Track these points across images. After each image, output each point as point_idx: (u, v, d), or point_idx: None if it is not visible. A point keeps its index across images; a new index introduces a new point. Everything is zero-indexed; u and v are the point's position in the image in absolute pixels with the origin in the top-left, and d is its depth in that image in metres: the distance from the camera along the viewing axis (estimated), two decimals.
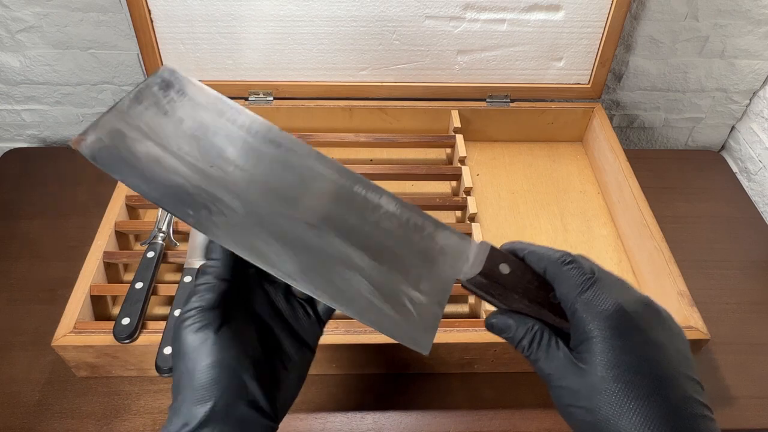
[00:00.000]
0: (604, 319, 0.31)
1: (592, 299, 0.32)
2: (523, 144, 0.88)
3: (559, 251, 0.35)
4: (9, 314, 0.67)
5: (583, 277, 0.33)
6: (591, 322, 0.31)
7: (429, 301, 0.34)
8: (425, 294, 0.34)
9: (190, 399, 0.32)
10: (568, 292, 0.33)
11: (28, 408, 0.59)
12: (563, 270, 0.33)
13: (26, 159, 0.88)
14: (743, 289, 0.74)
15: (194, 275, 0.61)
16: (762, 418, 0.62)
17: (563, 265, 0.34)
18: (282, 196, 0.34)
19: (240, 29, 0.76)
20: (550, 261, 0.34)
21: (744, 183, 0.92)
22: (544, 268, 0.34)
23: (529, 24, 0.78)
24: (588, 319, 0.32)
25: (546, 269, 0.34)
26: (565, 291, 0.33)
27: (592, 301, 0.32)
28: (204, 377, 0.32)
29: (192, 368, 0.32)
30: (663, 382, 0.30)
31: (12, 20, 0.80)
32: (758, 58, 0.89)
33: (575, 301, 0.32)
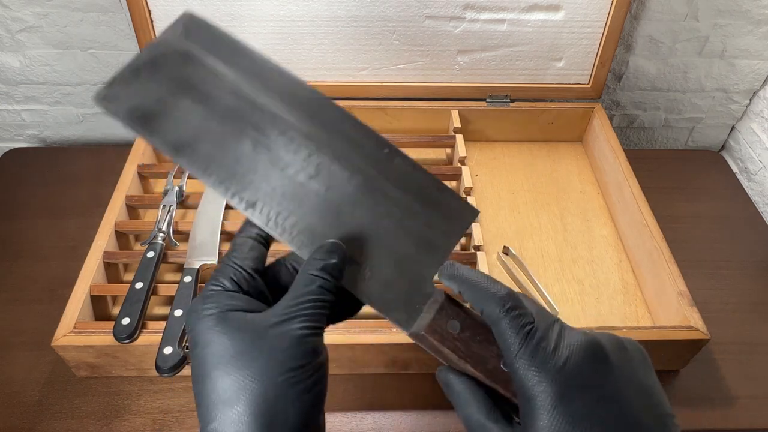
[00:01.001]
0: (549, 382, 0.27)
1: (534, 355, 0.28)
2: (523, 144, 0.88)
3: (500, 290, 0.30)
4: (9, 314, 0.67)
5: (524, 329, 0.29)
6: (533, 386, 0.28)
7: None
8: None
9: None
10: (507, 347, 0.29)
11: (28, 408, 0.59)
12: (501, 318, 0.29)
13: (26, 159, 0.88)
14: (743, 289, 0.74)
15: (194, 275, 0.61)
16: (762, 418, 0.62)
17: (503, 311, 0.29)
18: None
19: (240, 29, 0.76)
20: (488, 303, 0.30)
21: (744, 183, 0.92)
22: (482, 310, 0.30)
23: (529, 24, 0.78)
24: (529, 382, 0.28)
25: (483, 312, 0.30)
26: (504, 345, 0.29)
27: (534, 357, 0.28)
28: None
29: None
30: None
31: (12, 20, 0.80)
32: (758, 58, 0.89)
33: (514, 361, 0.28)
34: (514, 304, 0.30)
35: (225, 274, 0.31)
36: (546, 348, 0.28)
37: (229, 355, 0.28)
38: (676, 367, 0.65)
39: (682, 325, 0.60)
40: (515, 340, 0.29)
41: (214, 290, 0.31)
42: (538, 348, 0.28)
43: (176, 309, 0.57)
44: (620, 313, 0.68)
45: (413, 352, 0.59)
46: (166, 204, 0.69)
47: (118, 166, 0.73)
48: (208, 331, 0.29)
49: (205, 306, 0.30)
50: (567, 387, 0.27)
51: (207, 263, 0.63)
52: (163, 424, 0.58)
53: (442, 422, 0.59)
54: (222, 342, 0.28)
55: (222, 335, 0.29)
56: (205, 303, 0.30)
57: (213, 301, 0.30)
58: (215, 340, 0.29)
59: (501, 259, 0.72)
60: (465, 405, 0.30)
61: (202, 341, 0.29)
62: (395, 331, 0.57)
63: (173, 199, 0.70)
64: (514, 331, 0.29)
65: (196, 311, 0.30)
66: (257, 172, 0.33)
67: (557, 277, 0.71)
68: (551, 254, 0.73)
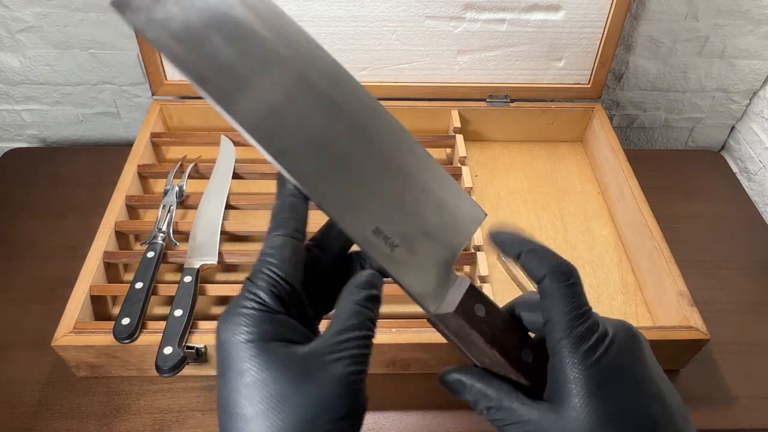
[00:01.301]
0: (592, 364, 0.27)
1: (582, 337, 0.28)
2: (523, 144, 0.88)
3: (563, 262, 0.30)
4: (9, 314, 0.67)
5: (579, 309, 0.28)
6: (577, 366, 0.27)
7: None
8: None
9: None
10: (558, 322, 0.28)
11: (28, 408, 0.59)
12: (562, 289, 0.29)
13: (26, 159, 0.88)
14: (743, 289, 0.74)
15: (194, 275, 0.61)
16: (762, 418, 0.62)
17: (565, 283, 0.29)
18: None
19: None
20: (553, 272, 0.29)
21: (744, 183, 0.92)
22: (543, 276, 0.29)
23: (529, 24, 0.78)
24: (574, 362, 0.27)
25: (544, 280, 0.29)
26: (556, 319, 0.28)
27: (582, 338, 0.28)
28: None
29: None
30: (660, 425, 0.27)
31: (12, 20, 0.80)
32: (758, 58, 0.89)
33: (563, 337, 0.28)
34: (575, 279, 0.29)
35: (263, 286, 0.28)
36: (595, 330, 0.28)
37: (268, 394, 0.25)
38: (676, 367, 0.65)
39: (682, 325, 0.60)
40: (571, 311, 0.28)
41: (252, 309, 0.27)
42: (590, 330, 0.28)
43: (176, 309, 0.57)
44: (620, 313, 0.68)
45: (413, 352, 0.59)
46: (166, 204, 0.69)
47: (118, 166, 0.73)
48: (245, 361, 0.26)
49: (242, 329, 0.26)
50: (608, 370, 0.27)
51: (207, 263, 0.63)
52: (163, 424, 0.58)
53: (442, 422, 0.59)
54: (261, 378, 0.25)
55: (262, 371, 0.26)
56: (242, 325, 0.26)
57: (252, 324, 0.26)
58: (253, 374, 0.26)
59: (501, 259, 0.72)
60: (495, 396, 0.29)
61: (236, 369, 0.26)
62: (395, 331, 0.57)
63: (173, 199, 0.70)
64: (570, 306, 0.28)
65: (231, 331, 0.26)
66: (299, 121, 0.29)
67: None
68: None
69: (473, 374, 0.30)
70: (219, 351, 0.27)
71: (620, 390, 0.27)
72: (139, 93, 0.90)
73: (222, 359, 0.27)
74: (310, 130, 0.29)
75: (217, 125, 0.84)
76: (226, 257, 0.65)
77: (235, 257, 0.65)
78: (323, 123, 0.30)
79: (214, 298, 0.66)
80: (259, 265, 0.29)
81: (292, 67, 0.29)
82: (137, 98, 0.91)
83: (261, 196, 0.73)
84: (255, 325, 0.26)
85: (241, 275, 0.69)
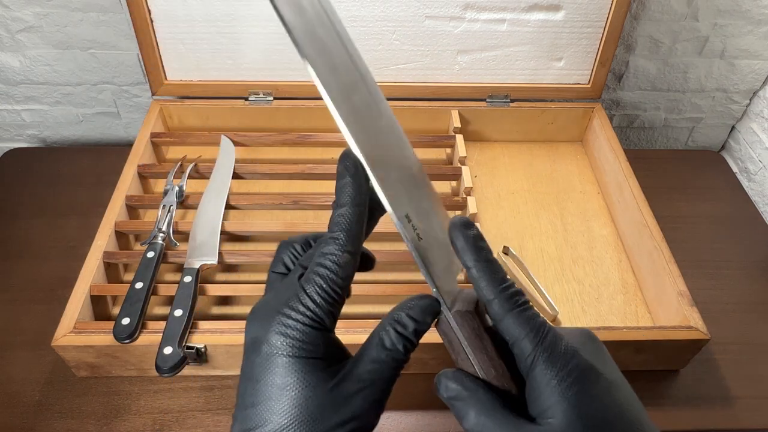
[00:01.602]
0: (570, 372, 0.27)
1: (552, 350, 0.27)
2: (523, 144, 0.88)
3: (508, 284, 0.28)
4: (9, 314, 0.67)
5: (539, 321, 0.28)
6: (555, 378, 0.27)
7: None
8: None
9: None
10: (524, 341, 0.27)
11: (28, 408, 0.59)
12: (516, 313, 0.28)
13: (26, 159, 0.88)
14: (743, 289, 0.74)
15: (194, 275, 0.61)
16: (762, 418, 0.62)
17: (516, 307, 0.28)
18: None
19: (240, 29, 0.76)
20: (499, 297, 0.28)
21: (744, 183, 0.92)
22: (490, 300, 0.28)
23: (529, 24, 0.78)
24: (551, 374, 0.27)
25: (491, 303, 0.28)
26: (517, 340, 0.27)
27: (553, 352, 0.27)
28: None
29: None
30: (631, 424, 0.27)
31: (12, 20, 0.80)
32: (758, 58, 0.89)
33: (536, 353, 0.27)
34: (526, 300, 0.29)
35: (319, 302, 0.27)
36: (557, 343, 0.27)
37: (297, 406, 0.26)
38: (676, 367, 0.65)
39: (682, 325, 0.60)
40: (530, 338, 0.27)
41: (304, 324, 0.27)
42: (553, 344, 0.27)
43: (176, 309, 0.57)
44: (620, 313, 0.68)
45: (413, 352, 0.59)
46: (166, 204, 0.69)
47: (118, 166, 0.73)
48: (279, 372, 0.26)
49: (284, 341, 0.26)
50: (582, 380, 0.27)
51: (207, 263, 0.63)
52: (163, 424, 0.58)
53: (442, 422, 0.59)
54: (293, 393, 0.26)
55: (294, 389, 0.26)
56: (283, 335, 0.27)
57: (295, 337, 0.27)
58: (286, 386, 0.26)
59: (501, 259, 0.72)
60: (490, 408, 0.28)
61: (269, 373, 0.26)
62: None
63: (173, 199, 0.70)
64: (531, 324, 0.28)
65: (269, 343, 0.27)
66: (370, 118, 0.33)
67: (557, 277, 0.71)
68: (551, 254, 0.73)
69: (475, 383, 0.28)
70: (251, 352, 0.27)
71: (598, 395, 0.27)
72: (139, 93, 0.90)
73: (258, 364, 0.27)
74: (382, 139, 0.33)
75: (217, 125, 0.84)
76: (226, 257, 0.65)
77: (235, 257, 0.65)
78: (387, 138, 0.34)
79: (214, 298, 0.66)
80: (317, 271, 0.28)
81: (368, 90, 0.34)
82: (137, 98, 0.91)
83: (261, 196, 0.73)
84: (298, 339, 0.27)
85: (242, 275, 0.69)
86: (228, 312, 0.65)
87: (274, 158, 0.83)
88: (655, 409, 0.62)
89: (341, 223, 0.28)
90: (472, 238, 0.29)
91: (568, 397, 0.26)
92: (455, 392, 0.28)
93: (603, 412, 0.26)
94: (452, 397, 0.28)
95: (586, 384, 0.27)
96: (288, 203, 0.72)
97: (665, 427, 0.61)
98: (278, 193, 0.75)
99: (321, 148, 0.84)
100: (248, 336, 0.28)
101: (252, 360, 0.27)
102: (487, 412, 0.27)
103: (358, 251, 0.29)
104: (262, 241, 0.72)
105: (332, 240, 0.28)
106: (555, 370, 0.27)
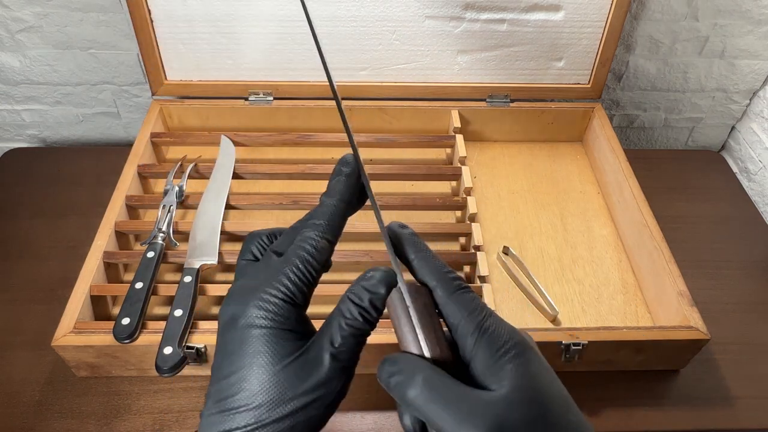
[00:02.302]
0: (512, 347, 0.28)
1: (496, 327, 0.28)
2: (523, 144, 0.88)
3: (449, 270, 0.30)
4: (9, 314, 0.67)
5: (479, 303, 0.29)
6: (499, 351, 0.28)
7: None
8: None
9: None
10: (467, 323, 0.28)
11: (28, 408, 0.59)
12: (458, 295, 0.29)
13: (26, 159, 0.88)
14: (743, 289, 0.74)
15: (194, 275, 0.61)
16: (762, 418, 0.62)
17: (458, 289, 0.30)
18: None
19: (240, 29, 0.76)
20: (441, 281, 0.30)
21: (744, 183, 0.92)
22: (434, 286, 0.30)
23: (529, 24, 0.78)
24: (494, 348, 0.28)
25: (435, 288, 0.30)
26: (461, 320, 0.29)
27: (496, 328, 0.28)
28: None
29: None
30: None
31: (12, 20, 0.80)
32: (758, 58, 0.89)
33: (479, 331, 0.28)
34: (467, 285, 0.30)
35: (291, 276, 0.29)
36: (499, 323, 0.29)
37: (267, 373, 0.28)
38: (676, 367, 0.65)
39: (682, 325, 0.60)
40: (473, 317, 0.29)
41: (275, 297, 0.29)
42: (495, 324, 0.29)
43: (176, 309, 0.57)
44: (620, 313, 0.68)
45: None
46: (166, 204, 0.69)
47: (118, 166, 0.73)
48: (252, 342, 0.28)
49: (261, 313, 0.28)
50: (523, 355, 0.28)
51: (207, 263, 0.63)
52: (163, 424, 0.58)
53: None
54: (263, 360, 0.28)
55: (265, 356, 0.28)
56: (261, 309, 0.28)
57: (271, 309, 0.29)
58: (258, 353, 0.28)
59: (501, 259, 0.72)
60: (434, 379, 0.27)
61: (244, 344, 0.28)
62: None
63: (173, 199, 0.70)
64: (471, 305, 0.29)
65: (246, 315, 0.28)
66: None
67: (557, 277, 0.71)
68: (551, 254, 0.73)
69: (419, 359, 0.29)
70: (233, 330, 0.29)
71: (538, 370, 0.28)
72: (139, 93, 0.90)
73: (235, 338, 0.28)
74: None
75: (217, 125, 0.84)
76: (226, 257, 0.65)
77: (235, 257, 0.65)
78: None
79: (214, 298, 0.66)
80: (296, 253, 0.30)
81: None
82: (137, 98, 0.91)
83: (261, 196, 0.73)
84: (278, 314, 0.29)
85: None
86: None
87: (274, 158, 0.83)
88: (655, 409, 0.62)
89: (325, 212, 0.31)
90: (409, 235, 0.32)
91: (511, 369, 0.27)
92: (398, 368, 0.28)
93: (543, 386, 0.27)
94: (394, 372, 0.28)
95: (527, 359, 0.28)
96: (288, 203, 0.72)
97: (665, 427, 0.61)
98: (278, 193, 0.75)
99: (321, 148, 0.84)
100: (225, 315, 0.30)
101: (228, 336, 0.29)
102: (431, 383, 0.27)
103: (335, 241, 0.31)
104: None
105: (313, 226, 0.31)
106: (498, 345, 0.28)
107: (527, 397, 0.26)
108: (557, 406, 0.27)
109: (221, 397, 0.28)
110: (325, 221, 0.31)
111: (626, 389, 0.63)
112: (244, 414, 0.27)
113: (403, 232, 0.32)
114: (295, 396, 0.27)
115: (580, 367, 0.62)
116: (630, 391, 0.63)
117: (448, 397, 0.27)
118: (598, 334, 0.59)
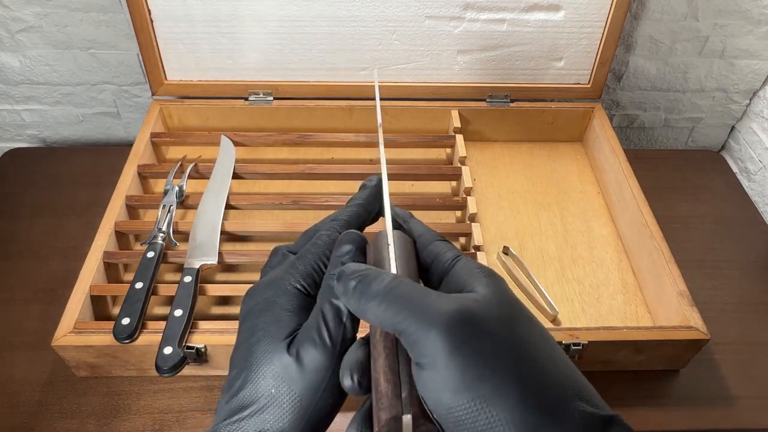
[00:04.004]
0: (488, 271, 0.29)
1: (468, 260, 0.30)
2: (523, 144, 0.88)
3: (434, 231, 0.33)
4: (9, 314, 0.67)
5: (455, 248, 0.32)
6: (476, 268, 0.29)
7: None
8: None
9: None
10: (443, 255, 0.30)
11: (28, 408, 0.59)
12: (440, 240, 0.32)
13: (26, 159, 0.88)
14: (743, 289, 0.74)
15: (194, 275, 0.61)
16: (762, 418, 0.62)
17: (441, 239, 0.32)
18: None
19: (240, 29, 0.76)
20: (427, 231, 0.33)
21: (744, 183, 0.92)
22: (418, 235, 0.32)
23: (529, 24, 0.78)
24: (471, 265, 0.30)
25: (419, 237, 0.32)
26: (438, 255, 0.31)
27: (469, 261, 0.30)
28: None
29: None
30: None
31: (12, 20, 0.80)
32: (758, 58, 0.89)
33: (457, 257, 0.30)
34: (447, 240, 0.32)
35: (302, 265, 0.31)
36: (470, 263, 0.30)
37: (277, 374, 0.28)
38: (676, 367, 0.65)
39: (682, 325, 0.60)
40: (452, 251, 0.31)
41: (288, 282, 0.31)
42: (471, 258, 0.31)
43: (176, 309, 0.57)
44: (620, 313, 0.68)
45: None
46: (166, 204, 0.69)
47: (118, 166, 0.73)
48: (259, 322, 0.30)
49: (273, 293, 0.30)
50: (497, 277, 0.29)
51: (207, 263, 0.63)
52: (163, 424, 0.58)
53: None
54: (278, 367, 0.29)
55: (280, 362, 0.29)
56: (273, 292, 0.30)
57: (282, 292, 0.30)
58: (273, 360, 0.29)
59: (501, 259, 0.72)
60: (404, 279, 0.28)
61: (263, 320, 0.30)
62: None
63: (173, 199, 0.70)
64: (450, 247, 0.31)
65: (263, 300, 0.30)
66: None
67: (557, 277, 0.71)
68: (551, 254, 0.73)
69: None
70: (243, 322, 0.31)
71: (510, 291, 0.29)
72: (139, 93, 0.90)
73: (250, 327, 0.30)
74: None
75: (217, 125, 0.84)
76: (226, 257, 0.65)
77: (235, 257, 0.65)
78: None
79: (214, 298, 0.66)
80: (309, 249, 0.32)
81: None
82: (137, 98, 0.91)
83: (261, 196, 0.73)
84: (288, 294, 0.30)
85: (241, 275, 0.69)
86: (228, 312, 0.65)
87: (274, 158, 0.83)
88: (655, 409, 0.62)
89: (346, 213, 0.34)
90: (406, 212, 0.35)
91: (487, 279, 0.28)
92: (364, 271, 0.27)
93: (515, 298, 0.28)
94: (359, 272, 0.27)
95: (500, 280, 0.29)
96: (288, 203, 0.72)
97: (665, 427, 0.61)
98: (278, 193, 0.75)
99: (321, 148, 0.84)
100: (243, 309, 0.31)
101: (244, 326, 0.30)
102: (398, 280, 0.27)
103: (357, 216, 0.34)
104: (262, 241, 0.72)
105: (332, 223, 0.33)
106: (472, 267, 0.29)
107: (499, 300, 0.27)
108: (526, 314, 0.28)
109: (235, 378, 0.29)
110: (343, 222, 0.33)
111: (626, 389, 0.63)
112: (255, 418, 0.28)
113: (399, 209, 0.34)
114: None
115: (580, 367, 0.62)
116: (630, 391, 0.63)
117: (415, 292, 0.26)
118: (598, 334, 0.59)
